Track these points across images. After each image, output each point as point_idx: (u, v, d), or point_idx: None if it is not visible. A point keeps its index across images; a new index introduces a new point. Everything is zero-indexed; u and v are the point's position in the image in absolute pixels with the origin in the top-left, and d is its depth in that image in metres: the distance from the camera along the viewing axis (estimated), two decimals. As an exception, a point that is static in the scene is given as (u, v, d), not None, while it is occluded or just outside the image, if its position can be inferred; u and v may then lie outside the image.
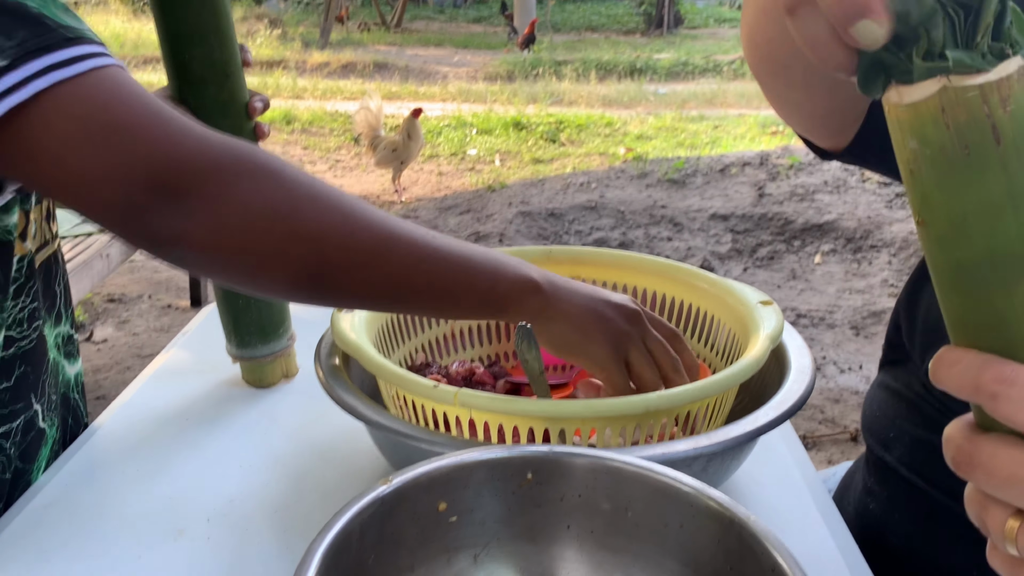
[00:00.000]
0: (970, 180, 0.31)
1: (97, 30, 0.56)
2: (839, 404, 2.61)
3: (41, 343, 0.75)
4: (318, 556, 0.43)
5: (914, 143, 0.32)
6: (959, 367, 0.33)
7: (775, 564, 0.44)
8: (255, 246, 0.55)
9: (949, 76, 0.31)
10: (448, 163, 5.71)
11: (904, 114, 0.32)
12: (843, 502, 0.84)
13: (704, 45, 11.94)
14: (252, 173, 0.54)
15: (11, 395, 0.72)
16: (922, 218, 0.33)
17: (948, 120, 0.31)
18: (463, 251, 0.61)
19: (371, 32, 13.71)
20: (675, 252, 3.84)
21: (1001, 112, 0.30)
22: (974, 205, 0.31)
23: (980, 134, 0.31)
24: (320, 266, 0.57)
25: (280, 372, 0.91)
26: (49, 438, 0.78)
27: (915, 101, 0.31)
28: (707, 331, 0.83)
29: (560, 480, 0.52)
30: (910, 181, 0.33)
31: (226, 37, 0.76)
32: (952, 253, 0.32)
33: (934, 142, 0.31)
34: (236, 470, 0.77)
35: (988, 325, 0.33)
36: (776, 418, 0.63)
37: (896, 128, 0.33)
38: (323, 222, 0.56)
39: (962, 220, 0.32)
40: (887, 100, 0.33)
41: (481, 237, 3.98)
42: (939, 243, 0.33)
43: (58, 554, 0.65)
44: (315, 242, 0.56)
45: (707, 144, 5.90)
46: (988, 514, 0.33)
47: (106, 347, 3.01)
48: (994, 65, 0.31)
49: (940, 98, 0.31)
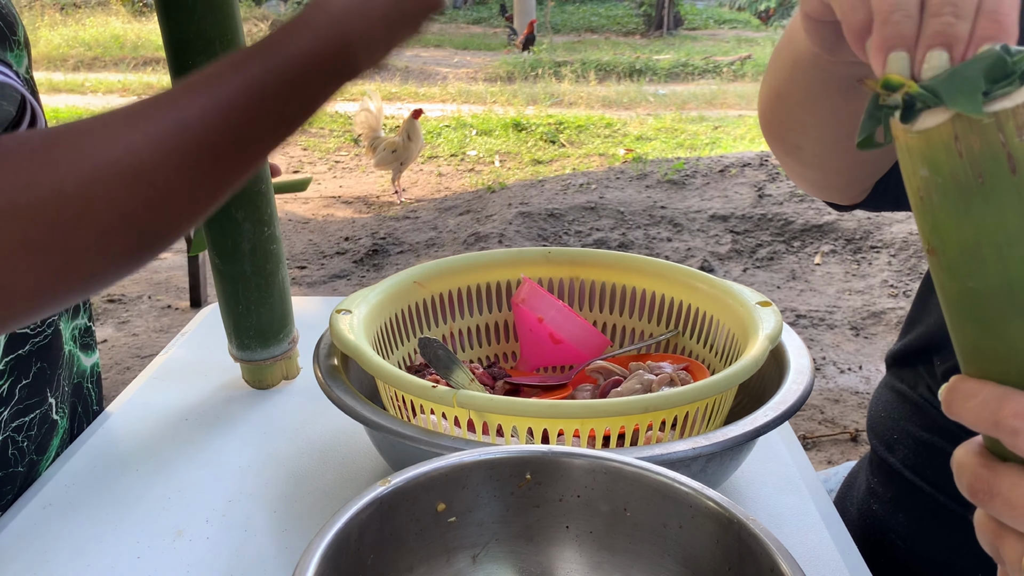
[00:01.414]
0: (985, 209, 0.30)
1: (97, 32, 0.55)
2: (838, 404, 2.61)
3: (56, 338, 0.76)
4: (317, 556, 0.43)
5: (925, 171, 0.31)
6: (976, 401, 0.32)
7: (774, 564, 0.44)
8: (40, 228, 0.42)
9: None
10: (448, 164, 5.71)
11: (915, 141, 0.31)
12: (846, 503, 0.84)
13: (704, 46, 11.94)
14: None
15: (29, 391, 0.73)
16: (932, 246, 0.32)
17: (961, 148, 0.30)
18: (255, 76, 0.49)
19: (371, 33, 13.68)
20: (675, 253, 3.84)
21: (1017, 140, 0.29)
22: (989, 234, 0.30)
23: (995, 163, 0.29)
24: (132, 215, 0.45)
25: (280, 374, 0.92)
26: (60, 428, 0.79)
27: (927, 128, 0.30)
28: (706, 332, 0.83)
29: (559, 480, 0.52)
30: (920, 209, 0.32)
31: (232, 43, 0.75)
32: (965, 282, 0.31)
33: (946, 170, 0.30)
34: (235, 470, 0.77)
35: (1003, 356, 0.32)
36: (775, 418, 0.63)
37: (906, 155, 0.32)
38: (98, 153, 0.44)
39: (975, 249, 0.31)
40: (895, 125, 0.32)
41: (481, 238, 3.98)
42: (950, 271, 0.32)
43: (58, 554, 0.65)
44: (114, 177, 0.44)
45: (707, 145, 5.90)
46: (1004, 544, 0.32)
47: (106, 347, 3.01)
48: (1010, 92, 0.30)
49: (953, 125, 0.30)
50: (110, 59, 9.62)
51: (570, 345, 0.84)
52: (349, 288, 3.57)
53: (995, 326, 0.31)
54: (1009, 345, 0.31)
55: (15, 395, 0.71)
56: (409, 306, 0.84)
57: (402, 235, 4.20)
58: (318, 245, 4.15)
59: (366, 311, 0.77)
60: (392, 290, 0.82)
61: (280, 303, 0.87)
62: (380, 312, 0.79)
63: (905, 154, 0.32)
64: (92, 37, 10.41)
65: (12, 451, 0.72)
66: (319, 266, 3.89)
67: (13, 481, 0.73)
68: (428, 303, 0.85)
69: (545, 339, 0.84)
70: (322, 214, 4.66)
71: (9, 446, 0.72)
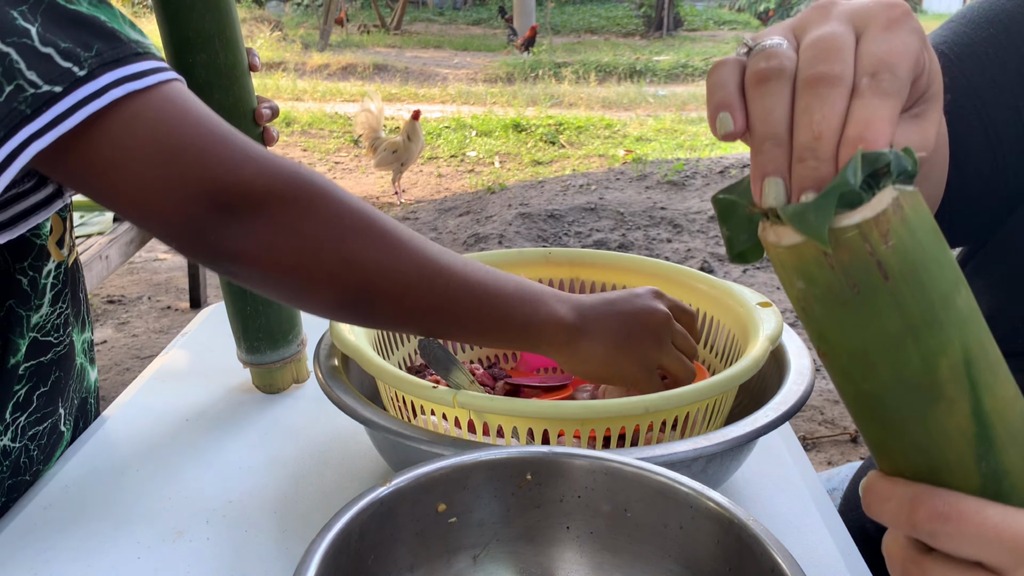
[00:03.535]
0: (865, 317, 0.30)
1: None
2: (839, 405, 2.61)
3: (71, 349, 0.77)
4: (317, 557, 0.43)
5: (801, 283, 0.31)
6: (891, 504, 0.32)
7: (774, 565, 0.44)
8: (304, 269, 0.57)
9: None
10: (448, 165, 5.71)
11: (786, 256, 0.31)
12: (857, 498, 0.84)
13: (703, 47, 11.95)
14: (307, 199, 0.56)
15: (45, 400, 0.73)
16: (823, 350, 0.32)
17: (832, 261, 0.30)
18: (500, 285, 0.64)
19: (371, 34, 13.72)
20: (675, 254, 3.84)
21: (884, 248, 0.30)
22: (873, 340, 0.31)
23: (866, 272, 0.30)
24: (363, 292, 0.59)
25: (290, 377, 0.91)
26: (65, 441, 0.79)
27: (796, 243, 0.31)
28: (707, 332, 0.83)
29: (559, 481, 0.52)
30: (804, 317, 0.32)
31: (231, 42, 0.75)
32: (859, 385, 0.32)
33: (821, 283, 0.31)
34: (235, 471, 0.77)
35: (908, 452, 0.32)
36: (775, 419, 0.63)
37: (780, 267, 0.32)
38: (369, 250, 0.58)
39: (863, 354, 0.31)
40: (765, 239, 0.32)
41: (481, 239, 3.98)
42: (843, 375, 0.32)
43: (58, 554, 0.65)
44: (360, 269, 0.58)
45: (707, 146, 5.90)
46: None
47: (105, 348, 3.01)
48: (868, 200, 0.30)
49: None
50: (110, 60, 9.61)
51: (570, 346, 0.84)
52: (349, 289, 3.56)
53: (895, 425, 0.32)
54: (912, 442, 0.32)
55: (33, 402, 0.72)
56: (409, 307, 0.84)
57: (402, 236, 4.19)
58: (318, 246, 4.14)
59: (366, 312, 0.76)
60: (392, 291, 0.82)
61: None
62: (380, 313, 0.79)
63: (779, 266, 0.32)
64: (92, 38, 10.38)
65: (24, 459, 0.72)
66: (319, 267, 3.89)
67: (19, 489, 0.73)
68: (428, 304, 0.85)
69: (545, 340, 0.84)
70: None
71: (22, 454, 0.72)
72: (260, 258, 0.56)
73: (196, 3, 0.73)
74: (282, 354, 0.88)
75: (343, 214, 0.57)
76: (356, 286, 0.59)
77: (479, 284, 0.63)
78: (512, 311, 0.64)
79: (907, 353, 0.30)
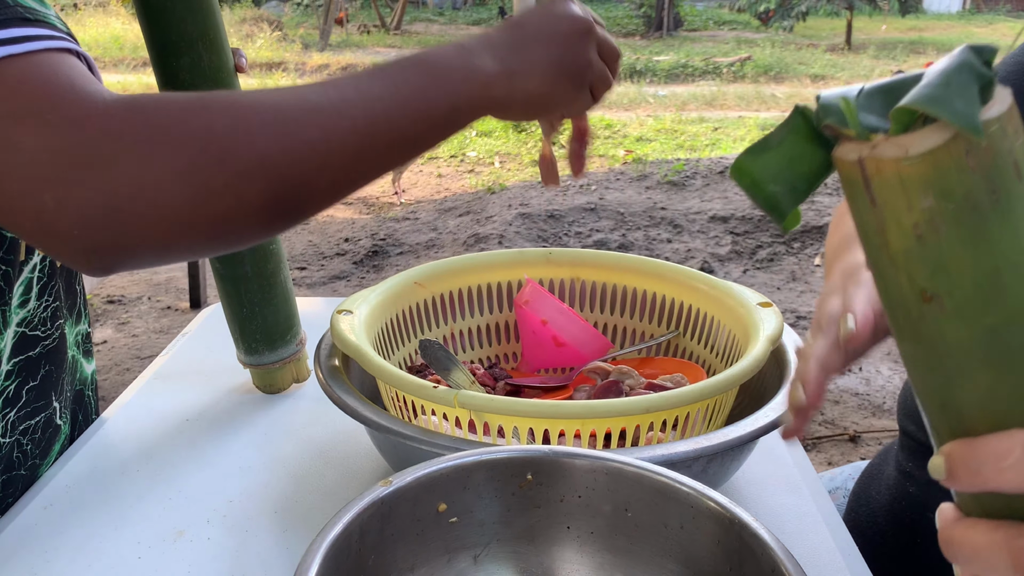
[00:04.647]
0: (1001, 229, 0.26)
1: (97, 32, 0.56)
2: (839, 405, 2.61)
3: (62, 342, 0.76)
4: (318, 557, 0.43)
5: (929, 200, 0.26)
6: (1014, 457, 0.28)
7: (775, 565, 0.44)
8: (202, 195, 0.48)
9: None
10: (448, 165, 5.71)
11: (914, 168, 0.26)
12: (869, 491, 0.84)
13: (704, 47, 11.95)
14: (163, 128, 0.48)
15: (36, 394, 0.73)
16: (933, 292, 0.28)
17: (973, 163, 0.26)
18: (399, 83, 0.55)
19: (371, 34, 13.71)
20: (675, 254, 3.84)
21: (1018, 144, 0.26)
22: (1007, 256, 0.27)
23: (1004, 173, 0.26)
24: (280, 190, 0.50)
25: (291, 377, 0.91)
26: (62, 434, 0.79)
27: (932, 148, 0.26)
28: (707, 333, 0.83)
29: (560, 481, 0.52)
30: (914, 253, 0.27)
31: (215, 44, 0.75)
32: (981, 320, 0.27)
33: (958, 193, 0.26)
34: (236, 471, 0.77)
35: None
36: (776, 419, 0.63)
37: (893, 190, 0.27)
38: (259, 145, 0.49)
39: (995, 277, 0.27)
40: (874, 160, 0.27)
41: (481, 239, 3.98)
42: (960, 315, 0.28)
43: (58, 554, 0.65)
44: (262, 168, 0.49)
45: (707, 146, 5.90)
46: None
47: (105, 348, 3.01)
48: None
49: (960, 141, 0.26)
50: (110, 60, 9.63)
51: (573, 347, 0.84)
52: (349, 289, 3.57)
53: (1018, 365, 0.28)
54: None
55: (22, 397, 0.72)
56: (410, 307, 0.84)
57: (402, 236, 4.20)
58: (318, 246, 4.15)
59: (367, 312, 0.77)
60: (393, 291, 0.82)
61: (284, 304, 0.87)
62: (381, 313, 0.79)
63: (893, 189, 0.27)
64: (92, 38, 10.42)
65: (17, 454, 0.72)
66: (319, 267, 3.89)
67: (15, 484, 0.73)
68: (429, 304, 0.85)
69: (548, 341, 0.84)
70: (322, 215, 4.66)
71: (15, 449, 0.72)
72: (152, 199, 0.46)
73: (177, 6, 0.72)
74: (281, 354, 0.88)
75: (213, 124, 0.48)
76: (265, 189, 0.49)
77: (378, 99, 0.54)
78: (433, 105, 0.56)
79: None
